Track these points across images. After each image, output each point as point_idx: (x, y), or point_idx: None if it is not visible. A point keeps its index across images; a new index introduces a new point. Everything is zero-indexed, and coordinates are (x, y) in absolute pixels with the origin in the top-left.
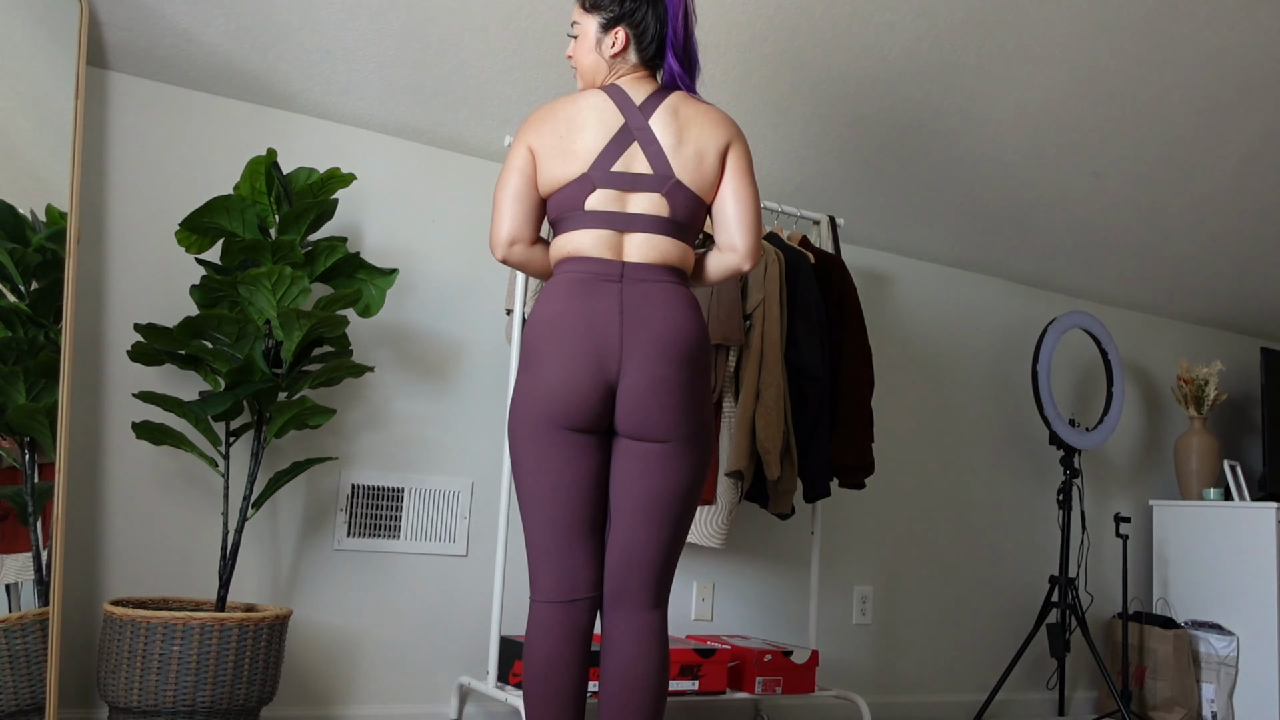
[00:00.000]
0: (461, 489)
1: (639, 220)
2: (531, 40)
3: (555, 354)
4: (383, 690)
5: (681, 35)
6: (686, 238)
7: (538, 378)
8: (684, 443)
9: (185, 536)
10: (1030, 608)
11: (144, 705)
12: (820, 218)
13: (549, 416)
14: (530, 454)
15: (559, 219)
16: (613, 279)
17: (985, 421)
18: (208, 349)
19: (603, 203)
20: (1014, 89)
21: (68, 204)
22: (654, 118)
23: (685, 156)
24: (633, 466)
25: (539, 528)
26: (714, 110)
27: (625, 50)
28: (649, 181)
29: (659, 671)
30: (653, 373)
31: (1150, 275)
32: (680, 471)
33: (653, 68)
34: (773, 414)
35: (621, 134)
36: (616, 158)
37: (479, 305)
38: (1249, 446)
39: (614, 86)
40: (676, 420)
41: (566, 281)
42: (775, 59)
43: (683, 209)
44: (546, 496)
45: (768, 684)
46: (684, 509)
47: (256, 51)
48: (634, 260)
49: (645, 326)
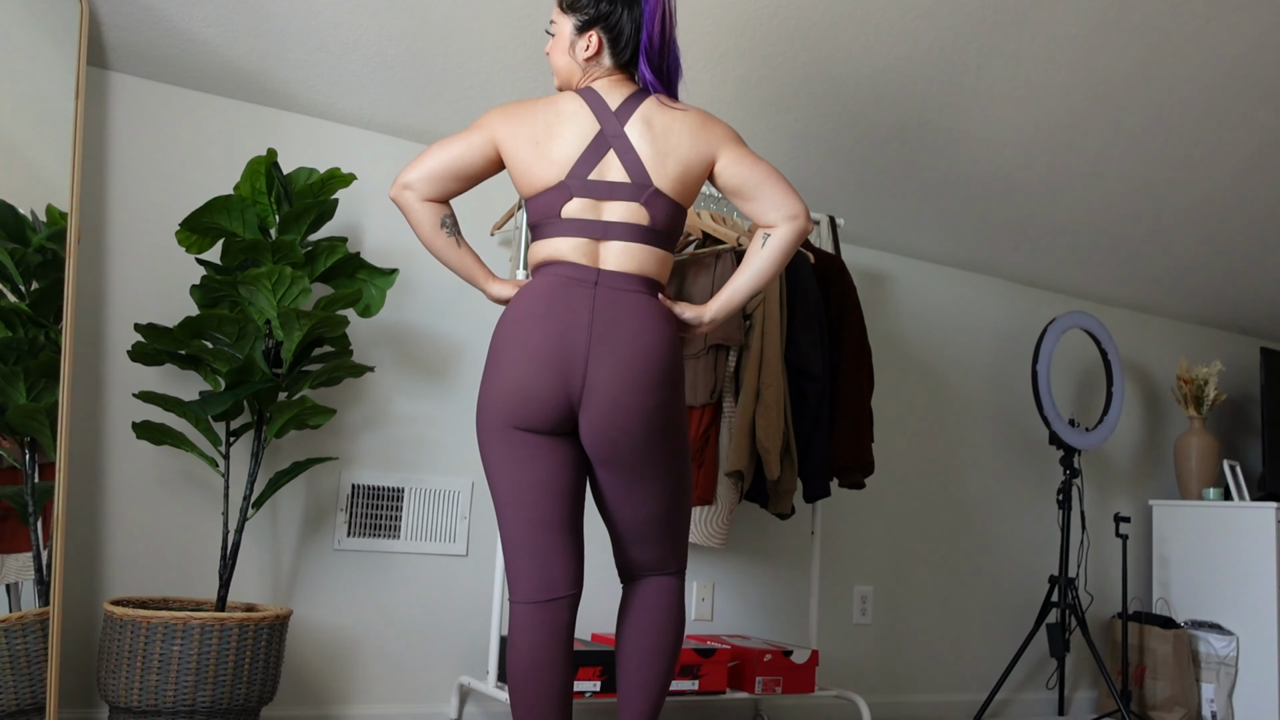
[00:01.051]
0: (461, 489)
1: (616, 228)
2: (531, 40)
3: (518, 355)
4: (383, 690)
5: (658, 40)
6: (666, 245)
7: (498, 378)
8: (657, 468)
9: (185, 536)
10: (1030, 608)
11: (144, 705)
12: (820, 218)
13: (506, 417)
14: (494, 455)
15: (537, 224)
16: (587, 284)
17: (985, 421)
18: (208, 349)
19: (579, 211)
20: (1014, 89)
21: (68, 204)
22: (630, 124)
23: (664, 164)
24: (612, 492)
25: (511, 527)
26: (693, 114)
27: (599, 54)
28: (626, 190)
29: (678, 627)
30: (620, 400)
31: (1150, 275)
32: (662, 492)
33: (629, 71)
34: (773, 414)
35: (597, 141)
36: (593, 166)
37: (479, 305)
38: (1249, 446)
39: (589, 90)
40: (650, 446)
41: (541, 285)
42: (775, 59)
43: (663, 217)
44: (513, 497)
45: (768, 684)
46: (677, 506)
47: (256, 51)
48: (610, 268)
49: (614, 341)
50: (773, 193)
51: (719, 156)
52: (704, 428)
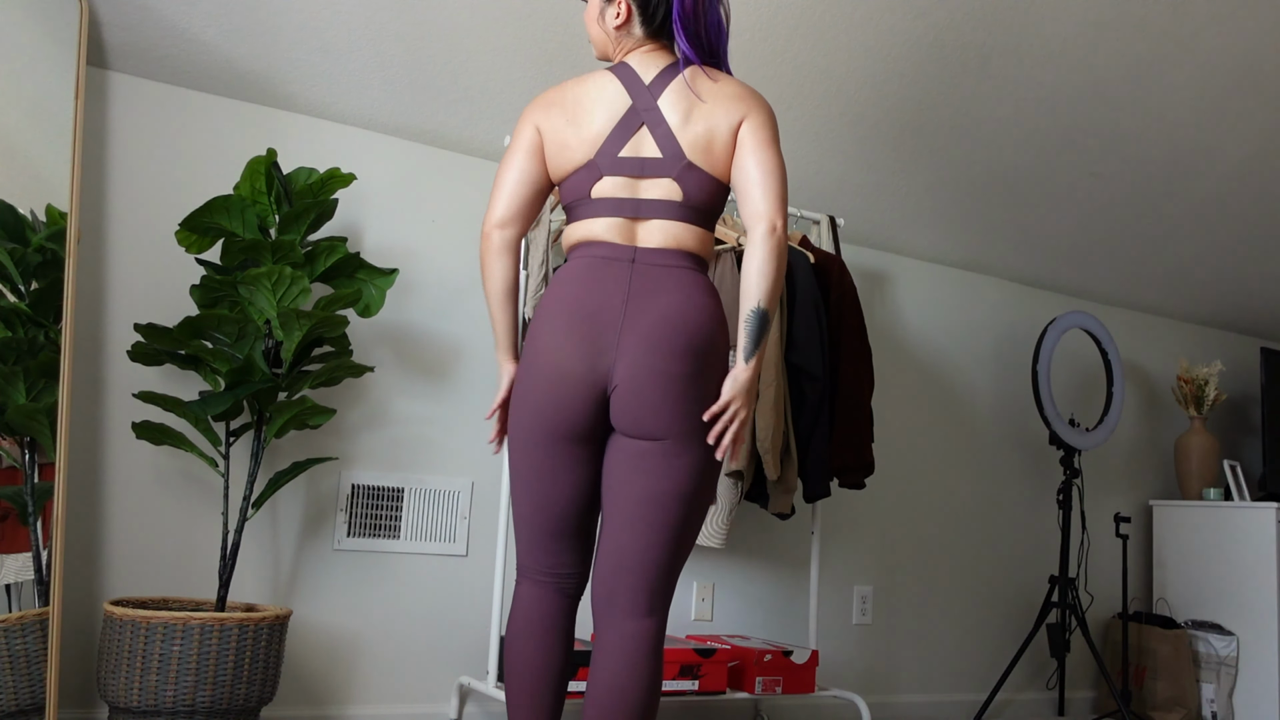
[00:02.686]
0: (461, 489)
1: (651, 206)
2: (531, 40)
3: (551, 340)
4: (383, 690)
5: (690, 5)
6: (706, 223)
7: (536, 367)
8: (682, 439)
9: (185, 536)
10: (1030, 608)
11: (144, 705)
12: (820, 217)
13: (544, 427)
14: (523, 464)
15: (569, 207)
16: (623, 261)
17: (985, 421)
18: (208, 349)
19: (612, 190)
20: (1014, 89)
21: (68, 204)
22: (663, 97)
23: (694, 135)
24: (626, 464)
25: (530, 530)
26: (732, 83)
27: (629, 22)
28: (659, 166)
29: (645, 686)
30: (649, 364)
31: (1150, 275)
32: (678, 471)
33: (665, 40)
34: (772, 414)
35: (628, 117)
36: (624, 142)
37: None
38: (1249, 446)
39: (623, 65)
40: (674, 415)
41: (576, 266)
42: (775, 59)
43: (697, 192)
44: (539, 508)
45: (768, 684)
46: (685, 511)
47: (256, 51)
48: (648, 246)
49: (648, 309)
50: (760, 186)
51: (744, 122)
52: None
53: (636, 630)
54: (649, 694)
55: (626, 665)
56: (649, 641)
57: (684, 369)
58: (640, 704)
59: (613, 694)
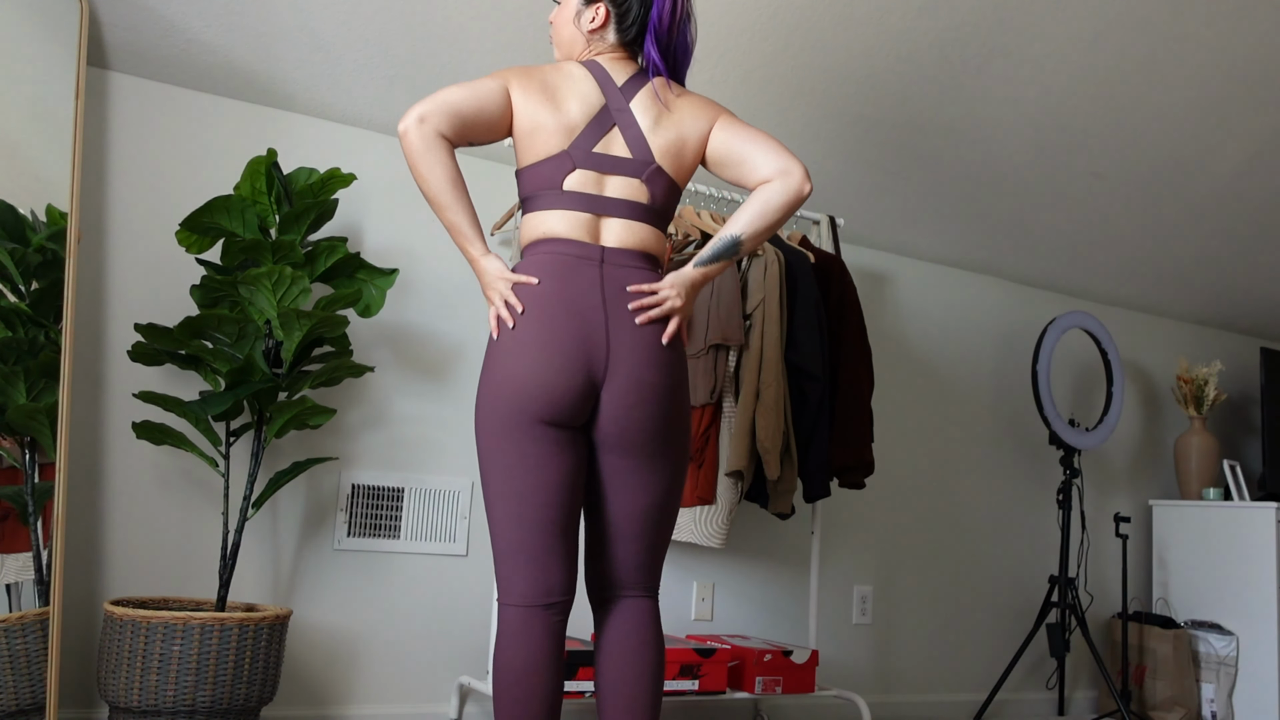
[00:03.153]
0: (461, 489)
1: (616, 205)
2: (530, 40)
3: (534, 340)
4: (383, 690)
5: (667, 20)
6: (662, 225)
7: (512, 367)
8: (666, 451)
9: (185, 536)
10: (1030, 608)
11: (144, 705)
12: (820, 217)
13: (527, 410)
14: (504, 449)
15: (532, 196)
16: (593, 262)
17: (985, 421)
18: (208, 349)
19: (580, 184)
20: (1014, 89)
21: (68, 204)
22: (635, 101)
23: (666, 141)
24: (611, 478)
25: (512, 528)
26: (696, 96)
27: (604, 28)
28: (628, 166)
29: (657, 655)
30: (641, 378)
31: (1150, 275)
32: (658, 484)
33: (633, 50)
34: (772, 414)
35: (602, 114)
36: (597, 139)
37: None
38: (1249, 446)
39: (594, 63)
40: (662, 429)
41: (545, 261)
42: (775, 58)
43: (661, 195)
44: (523, 496)
45: (768, 684)
46: (671, 509)
47: (256, 51)
48: (612, 245)
49: (628, 318)
50: (764, 149)
51: (714, 128)
52: (704, 427)
53: (644, 606)
54: (662, 662)
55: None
56: (656, 616)
57: (671, 379)
58: (658, 672)
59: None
